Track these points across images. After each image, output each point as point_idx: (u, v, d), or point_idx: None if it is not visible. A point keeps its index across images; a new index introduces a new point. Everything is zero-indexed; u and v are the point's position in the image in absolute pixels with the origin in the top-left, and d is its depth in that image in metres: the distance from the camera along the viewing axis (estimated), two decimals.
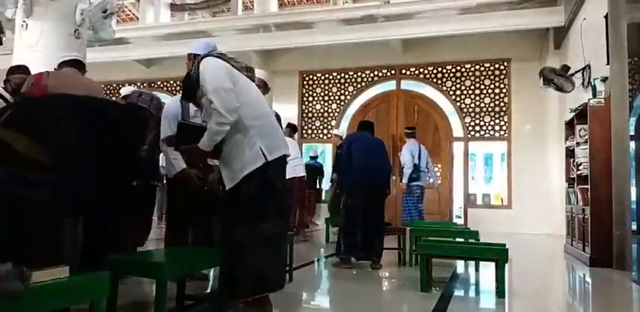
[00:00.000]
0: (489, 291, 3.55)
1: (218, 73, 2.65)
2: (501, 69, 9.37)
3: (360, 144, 4.61)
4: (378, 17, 8.71)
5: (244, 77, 2.79)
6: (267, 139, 2.69)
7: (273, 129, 2.78)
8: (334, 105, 10.38)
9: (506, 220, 8.74)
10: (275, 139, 2.75)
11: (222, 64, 2.71)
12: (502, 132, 9.30)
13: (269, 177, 2.66)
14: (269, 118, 2.78)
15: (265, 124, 2.73)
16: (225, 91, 2.59)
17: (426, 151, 7.73)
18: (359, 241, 4.34)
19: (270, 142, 2.70)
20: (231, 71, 2.71)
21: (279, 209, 2.69)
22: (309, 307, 3.23)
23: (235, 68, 2.76)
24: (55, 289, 1.62)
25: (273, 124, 2.80)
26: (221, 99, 2.58)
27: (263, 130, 2.70)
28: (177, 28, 10.33)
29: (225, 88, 2.61)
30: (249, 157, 2.65)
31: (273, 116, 2.87)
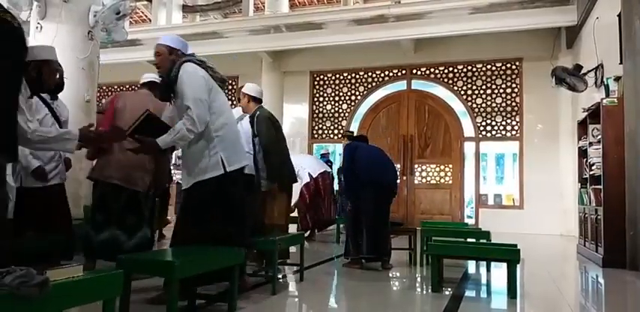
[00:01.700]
0: (501, 292, 3.53)
1: (199, 83, 2.77)
2: (513, 68, 9.31)
3: (363, 150, 4.63)
4: (388, 17, 8.69)
5: (217, 87, 2.92)
6: (229, 150, 2.84)
7: (235, 139, 2.92)
8: (345, 105, 10.39)
9: (518, 221, 8.68)
10: (236, 150, 2.90)
11: (203, 73, 2.84)
12: (514, 132, 9.24)
13: (223, 187, 2.81)
14: (233, 128, 2.93)
15: (228, 134, 2.86)
16: (202, 103, 2.73)
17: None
18: (369, 241, 4.33)
19: (232, 153, 2.85)
20: (208, 80, 2.84)
21: (226, 217, 2.83)
22: (319, 306, 3.24)
23: (212, 77, 2.90)
24: (69, 288, 1.65)
25: (236, 133, 2.95)
26: (197, 110, 2.70)
27: (225, 140, 2.84)
28: (189, 30, 10.39)
29: (203, 99, 2.74)
30: (209, 165, 2.79)
31: (236, 126, 3.02)
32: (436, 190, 9.51)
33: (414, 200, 9.56)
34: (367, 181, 4.44)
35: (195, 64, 2.86)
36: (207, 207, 2.80)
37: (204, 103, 2.74)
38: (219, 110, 2.85)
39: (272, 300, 3.16)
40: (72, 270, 1.70)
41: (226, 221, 2.84)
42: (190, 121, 2.68)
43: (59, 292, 1.58)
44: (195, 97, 2.72)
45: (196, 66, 2.85)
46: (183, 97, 2.75)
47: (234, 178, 2.87)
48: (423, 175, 9.63)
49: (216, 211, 2.82)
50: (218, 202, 2.83)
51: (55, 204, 3.83)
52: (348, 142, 4.97)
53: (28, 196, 3.72)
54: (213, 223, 2.80)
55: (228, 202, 2.86)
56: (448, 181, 9.47)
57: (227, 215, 2.85)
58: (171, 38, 3.10)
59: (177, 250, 2.67)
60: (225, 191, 2.83)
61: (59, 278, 1.61)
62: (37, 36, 5.42)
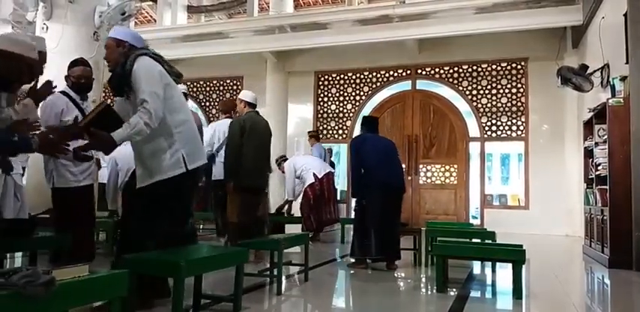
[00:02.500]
0: (506, 292, 3.52)
1: (155, 77, 2.66)
2: (518, 68, 9.28)
3: (369, 146, 4.55)
4: (393, 17, 8.68)
5: (173, 82, 2.82)
6: (190, 147, 2.76)
7: (195, 136, 2.84)
8: (349, 105, 10.38)
9: (524, 221, 8.64)
10: (197, 147, 2.85)
11: (159, 68, 2.73)
12: (519, 132, 9.21)
13: (183, 185, 2.76)
14: (192, 125, 2.84)
15: (187, 131, 2.78)
16: (158, 97, 2.63)
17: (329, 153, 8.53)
18: (377, 243, 4.31)
19: (192, 150, 2.77)
20: (165, 75, 2.74)
21: (181, 215, 2.82)
22: (324, 306, 3.24)
23: (167, 72, 2.78)
24: (74, 287, 1.66)
25: (194, 130, 2.86)
26: (153, 104, 2.60)
27: (185, 136, 2.76)
28: (194, 30, 10.42)
29: (159, 93, 2.64)
30: (169, 164, 2.69)
31: (194, 122, 2.92)
32: (441, 190, 9.49)
33: (419, 200, 9.54)
34: (374, 183, 4.43)
35: (151, 58, 2.75)
36: (165, 206, 2.72)
37: (160, 98, 2.63)
38: (177, 106, 2.77)
39: (277, 300, 3.16)
40: (77, 270, 1.71)
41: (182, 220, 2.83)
42: (147, 115, 2.57)
43: (65, 292, 1.59)
44: (152, 90, 2.62)
45: (152, 60, 2.74)
46: (138, 91, 2.64)
47: (195, 176, 2.85)
48: (428, 175, 9.61)
49: (174, 210, 2.77)
50: (177, 200, 2.76)
51: (84, 204, 3.96)
52: (355, 136, 4.86)
53: (57, 197, 3.85)
54: (169, 222, 2.74)
55: (186, 201, 2.85)
56: (453, 181, 9.45)
57: (183, 214, 2.85)
58: (120, 31, 2.96)
59: (182, 250, 2.67)
60: (185, 190, 2.81)
61: (65, 278, 1.62)
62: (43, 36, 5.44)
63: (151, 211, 2.71)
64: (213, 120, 11.33)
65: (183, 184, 2.75)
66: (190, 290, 2.67)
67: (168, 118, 2.70)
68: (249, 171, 4.54)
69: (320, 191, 6.68)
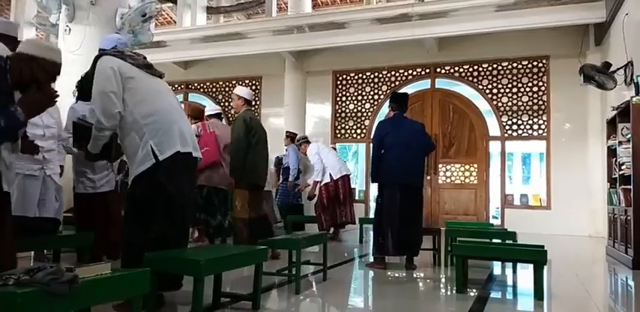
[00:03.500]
0: (527, 293, 3.48)
1: (104, 75, 2.64)
2: (540, 66, 9.14)
3: (394, 136, 4.42)
4: (412, 16, 8.63)
5: (141, 73, 2.75)
6: (159, 136, 2.66)
7: (166, 125, 2.69)
8: (367, 104, 10.35)
9: (545, 221, 8.53)
10: (168, 136, 2.68)
11: (113, 64, 2.67)
12: (540, 131, 9.07)
13: (158, 178, 2.63)
14: (165, 114, 2.72)
15: (158, 121, 2.68)
16: (107, 96, 2.60)
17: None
18: (394, 241, 4.29)
19: (162, 139, 2.66)
20: (124, 69, 2.68)
21: (169, 210, 2.66)
22: (342, 306, 3.24)
23: (135, 65, 2.74)
24: (97, 285, 1.69)
25: (169, 120, 2.72)
26: (100, 104, 2.60)
27: (156, 127, 2.66)
28: (213, 31, 10.49)
29: (108, 91, 2.60)
30: (141, 158, 2.65)
31: (174, 110, 2.80)
32: (461, 190, 9.40)
33: (438, 200, 9.47)
34: (391, 182, 4.41)
35: (111, 56, 2.73)
36: (145, 203, 2.65)
37: (110, 96, 2.60)
38: (144, 98, 2.70)
39: (296, 299, 3.17)
40: (100, 267, 1.74)
41: (164, 219, 2.65)
42: (95, 118, 2.63)
43: (87, 289, 1.62)
44: (98, 90, 2.63)
45: (110, 58, 2.71)
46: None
47: (170, 166, 2.66)
48: (448, 175, 9.53)
49: (155, 207, 2.65)
50: (155, 196, 2.65)
51: (101, 209, 4.12)
52: (383, 120, 4.74)
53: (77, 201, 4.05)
54: (153, 221, 2.64)
55: (166, 196, 2.66)
56: (473, 180, 9.36)
57: (165, 212, 2.66)
58: (102, 41, 3.08)
59: (204, 249, 2.70)
60: (161, 183, 2.64)
61: (88, 275, 1.65)
62: (66, 38, 5.55)
63: (135, 210, 2.67)
64: (232, 121, 11.43)
65: (158, 176, 2.63)
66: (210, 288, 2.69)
67: (135, 111, 2.66)
68: (256, 168, 4.61)
69: (334, 192, 6.69)
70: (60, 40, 5.68)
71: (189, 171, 2.85)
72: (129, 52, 2.81)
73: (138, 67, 2.76)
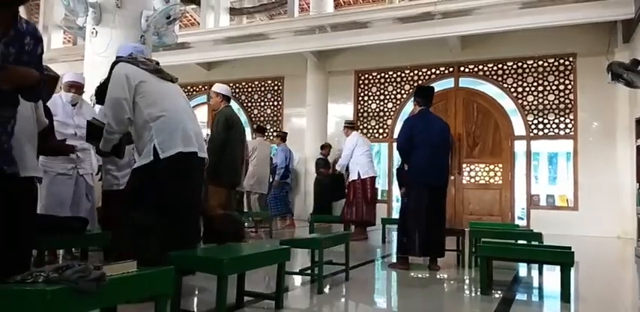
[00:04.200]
0: (554, 295, 3.42)
1: (116, 83, 2.84)
2: (566, 64, 8.96)
3: (423, 135, 4.38)
4: (435, 14, 8.55)
5: (152, 78, 2.94)
6: (162, 136, 2.81)
7: (172, 126, 2.85)
8: (390, 104, 10.30)
9: (572, 222, 8.36)
10: (172, 136, 2.83)
11: (126, 71, 2.87)
12: (567, 130, 8.90)
13: (156, 174, 2.78)
14: (171, 115, 2.88)
15: (164, 122, 2.84)
16: (118, 102, 2.80)
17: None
18: (420, 241, 4.26)
19: (165, 139, 2.81)
20: (136, 75, 2.87)
21: (162, 205, 2.77)
22: (365, 306, 3.23)
23: (146, 71, 2.94)
24: (123, 283, 1.72)
25: (174, 120, 2.88)
26: (112, 109, 2.82)
27: (162, 127, 2.83)
28: (236, 32, 10.58)
29: (120, 98, 2.81)
30: (144, 153, 2.84)
31: (181, 112, 2.95)
32: (485, 190, 9.28)
33: (462, 200, 9.37)
34: (417, 183, 4.37)
35: (126, 62, 2.93)
36: (137, 195, 2.85)
37: (120, 101, 2.80)
38: (154, 100, 2.87)
39: (318, 298, 3.17)
40: (126, 266, 1.77)
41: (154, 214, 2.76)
42: (107, 124, 2.86)
43: (114, 287, 1.65)
44: (111, 97, 2.83)
45: (124, 64, 2.91)
46: None
47: (171, 165, 2.79)
48: (472, 175, 9.42)
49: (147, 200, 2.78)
50: (148, 191, 2.79)
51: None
52: (409, 117, 4.72)
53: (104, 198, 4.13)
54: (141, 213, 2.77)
55: (160, 192, 2.78)
56: (498, 180, 9.23)
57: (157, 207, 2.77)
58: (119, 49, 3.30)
59: (227, 248, 2.72)
60: (158, 180, 2.78)
61: (114, 273, 1.68)
62: (93, 40, 5.65)
63: (131, 203, 2.86)
64: (254, 121, 11.51)
65: (156, 173, 2.78)
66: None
67: (145, 112, 2.84)
68: (234, 166, 4.59)
69: (362, 191, 6.74)
70: (87, 42, 5.80)
71: (193, 170, 2.97)
72: (142, 59, 3.01)
73: (149, 72, 2.95)
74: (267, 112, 11.46)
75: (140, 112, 2.85)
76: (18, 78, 2.00)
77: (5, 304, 1.49)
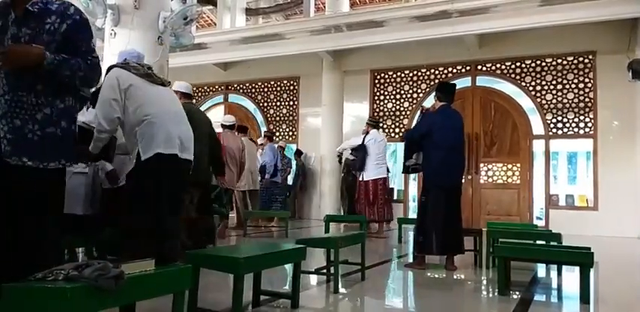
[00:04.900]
0: (573, 297, 3.37)
1: (107, 85, 3.01)
2: (586, 62, 8.83)
3: (442, 134, 4.32)
4: (451, 12, 8.48)
5: (141, 82, 3.08)
6: (145, 139, 2.98)
7: (155, 128, 2.99)
8: (406, 103, 10.25)
9: (592, 223, 8.24)
10: (153, 138, 2.98)
11: (117, 74, 3.04)
12: (587, 129, 8.76)
13: (140, 175, 3.01)
14: (156, 118, 3.01)
15: (147, 125, 2.99)
16: (108, 102, 2.96)
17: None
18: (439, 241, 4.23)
19: (147, 142, 2.98)
20: (125, 79, 3.02)
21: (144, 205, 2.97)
22: (381, 306, 3.22)
23: (137, 75, 3.08)
24: (141, 281, 1.74)
25: (158, 123, 3.01)
26: (102, 109, 2.97)
27: (145, 130, 2.99)
28: (252, 32, 10.62)
29: (109, 98, 2.97)
30: (133, 156, 3.07)
31: (166, 114, 3.08)
32: (503, 190, 9.19)
33: (480, 200, 9.29)
34: (433, 183, 4.35)
35: (117, 67, 3.12)
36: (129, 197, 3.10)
37: (110, 103, 2.96)
38: (141, 103, 3.02)
39: (334, 298, 3.18)
40: (144, 264, 1.79)
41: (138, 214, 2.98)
42: (97, 122, 3.00)
43: (133, 285, 1.67)
44: (101, 98, 2.99)
45: (116, 69, 3.09)
46: None
47: (152, 166, 2.98)
48: (489, 175, 9.33)
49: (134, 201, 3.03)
50: (136, 193, 3.03)
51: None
52: (425, 113, 4.70)
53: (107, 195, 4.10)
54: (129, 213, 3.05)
55: (142, 192, 2.99)
56: (516, 180, 9.13)
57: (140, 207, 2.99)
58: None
59: (244, 247, 2.74)
60: (143, 180, 3.00)
61: (132, 271, 1.70)
62: (112, 41, 5.72)
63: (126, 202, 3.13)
64: (270, 120, 11.55)
65: (140, 174, 3.01)
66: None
67: (133, 116, 3.01)
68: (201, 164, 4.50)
69: (365, 191, 7.11)
70: (106, 43, 5.87)
71: (174, 171, 3.10)
72: (133, 64, 3.16)
73: (139, 76, 3.10)
74: (283, 111, 11.49)
75: (128, 115, 3.01)
76: (16, 57, 2.00)
77: (27, 301, 1.53)
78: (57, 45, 2.10)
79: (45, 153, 2.09)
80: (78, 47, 2.16)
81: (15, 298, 1.53)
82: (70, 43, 2.15)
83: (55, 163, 2.13)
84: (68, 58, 2.09)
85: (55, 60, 2.04)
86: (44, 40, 2.09)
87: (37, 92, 2.09)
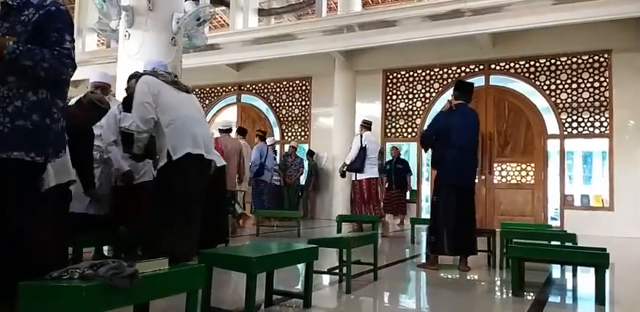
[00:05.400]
0: (588, 298, 3.33)
1: (140, 90, 3.31)
2: (601, 61, 8.72)
3: (457, 133, 4.28)
4: (464, 11, 8.43)
5: (168, 88, 3.39)
6: (174, 140, 3.24)
7: (182, 130, 3.27)
8: (419, 103, 10.21)
9: (608, 223, 8.14)
10: (181, 139, 3.25)
11: (147, 81, 3.34)
12: (602, 128, 8.66)
13: (171, 174, 3.22)
14: (181, 120, 3.31)
15: (176, 127, 3.27)
16: (142, 105, 3.26)
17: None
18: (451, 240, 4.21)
19: (176, 142, 3.23)
20: (156, 85, 3.34)
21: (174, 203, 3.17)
22: (393, 306, 3.21)
23: (164, 82, 3.39)
24: (156, 280, 1.75)
25: (185, 125, 3.31)
26: (138, 112, 3.27)
27: (173, 132, 3.26)
28: (265, 33, 10.65)
29: (143, 102, 3.26)
30: (160, 156, 3.30)
31: (191, 118, 3.38)
32: (517, 190, 9.11)
33: (493, 201, 9.22)
34: (445, 182, 4.33)
35: (147, 75, 3.41)
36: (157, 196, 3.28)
37: (144, 105, 3.26)
38: (166, 108, 3.31)
39: (346, 298, 3.18)
40: (158, 263, 1.81)
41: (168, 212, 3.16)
42: (135, 125, 3.28)
43: (147, 284, 1.69)
44: (135, 103, 3.30)
45: (146, 76, 3.39)
46: None
47: (182, 166, 3.20)
48: (503, 175, 9.26)
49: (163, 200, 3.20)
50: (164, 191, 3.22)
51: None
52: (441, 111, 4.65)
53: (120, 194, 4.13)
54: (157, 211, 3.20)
55: (174, 191, 3.20)
56: (530, 180, 9.05)
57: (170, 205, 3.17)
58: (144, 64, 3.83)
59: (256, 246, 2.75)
60: (173, 179, 3.21)
61: (147, 270, 1.72)
62: (126, 43, 5.78)
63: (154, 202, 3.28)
64: (282, 120, 11.58)
65: (171, 173, 3.22)
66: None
67: (161, 118, 3.29)
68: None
69: (360, 190, 7.36)
70: (120, 44, 5.93)
71: (202, 171, 3.38)
72: (161, 72, 3.50)
73: (167, 83, 3.41)
74: (295, 111, 11.51)
75: (158, 118, 3.30)
76: None
77: (43, 299, 1.55)
78: (28, 35, 2.05)
79: (11, 144, 2.01)
80: (48, 38, 2.07)
81: (31, 296, 1.56)
82: (41, 33, 2.07)
83: (21, 153, 2.02)
84: (33, 48, 2.01)
85: (17, 50, 1.97)
86: (17, 31, 2.05)
87: (9, 84, 2.04)
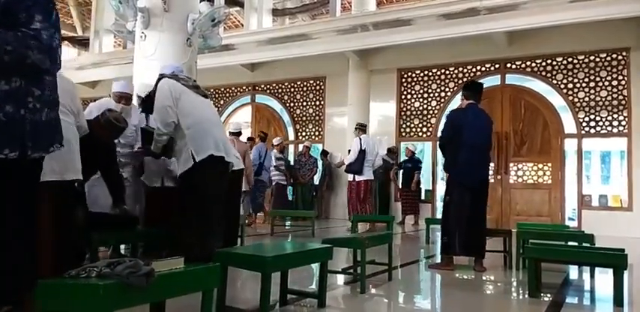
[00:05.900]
0: (606, 299, 3.29)
1: (163, 94, 3.37)
2: (619, 59, 8.59)
3: (468, 133, 4.24)
4: (480, 10, 8.37)
5: (189, 92, 3.46)
6: (196, 142, 3.31)
7: (203, 133, 3.36)
8: (434, 102, 10.15)
9: (626, 224, 8.01)
10: (203, 141, 3.33)
11: (170, 84, 3.40)
12: (621, 127, 8.53)
13: (196, 176, 3.29)
14: (202, 124, 3.40)
15: (197, 130, 3.35)
16: (164, 109, 3.33)
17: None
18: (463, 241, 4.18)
19: (199, 145, 3.31)
20: (177, 89, 3.40)
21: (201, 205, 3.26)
22: (408, 307, 3.20)
23: (185, 86, 3.45)
24: (171, 278, 1.77)
25: (205, 128, 3.39)
26: (159, 115, 3.35)
27: (194, 135, 3.33)
28: (279, 33, 10.68)
29: (165, 105, 3.33)
30: (184, 160, 3.34)
31: (211, 122, 3.49)
32: (534, 190, 9.01)
33: (509, 201, 9.13)
34: (457, 183, 4.30)
35: (168, 78, 3.46)
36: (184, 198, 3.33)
37: (166, 109, 3.33)
38: (187, 112, 3.38)
39: (361, 298, 3.17)
40: (174, 262, 1.83)
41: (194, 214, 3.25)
42: (156, 126, 3.41)
43: (163, 282, 1.71)
44: (157, 106, 3.37)
45: (167, 80, 3.43)
46: None
47: (205, 167, 3.28)
48: (519, 175, 9.17)
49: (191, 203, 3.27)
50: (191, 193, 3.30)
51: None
52: (453, 109, 4.62)
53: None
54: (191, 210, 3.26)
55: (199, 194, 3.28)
56: (547, 180, 8.94)
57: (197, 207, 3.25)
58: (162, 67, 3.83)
59: (271, 246, 2.76)
60: (198, 182, 3.28)
61: (163, 269, 1.74)
62: (142, 44, 5.83)
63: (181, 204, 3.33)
64: (297, 120, 11.60)
65: (196, 176, 3.28)
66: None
67: (181, 121, 3.36)
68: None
69: (357, 190, 7.52)
70: (136, 45, 5.99)
71: (222, 172, 3.47)
72: (182, 76, 3.57)
73: (187, 87, 3.47)
74: (310, 111, 11.52)
75: (179, 120, 3.37)
76: None
77: (61, 297, 1.58)
78: None
79: None
80: (17, 19, 1.81)
81: (49, 294, 1.59)
82: (10, 14, 1.81)
83: None
84: None
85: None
86: None
87: None
